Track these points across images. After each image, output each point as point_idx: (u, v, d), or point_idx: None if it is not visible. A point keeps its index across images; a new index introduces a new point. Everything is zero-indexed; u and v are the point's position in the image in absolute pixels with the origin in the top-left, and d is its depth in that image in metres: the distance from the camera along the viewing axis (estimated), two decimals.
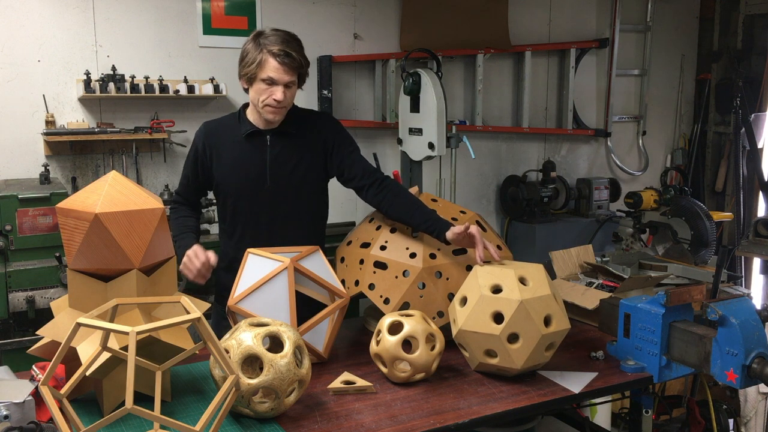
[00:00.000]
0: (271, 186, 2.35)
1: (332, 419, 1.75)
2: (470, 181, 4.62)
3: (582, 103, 4.97)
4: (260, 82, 2.24)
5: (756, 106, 4.95)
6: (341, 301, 2.08)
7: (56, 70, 3.43)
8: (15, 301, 2.87)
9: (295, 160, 2.37)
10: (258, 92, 2.26)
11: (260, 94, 2.25)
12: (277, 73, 2.22)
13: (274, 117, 2.30)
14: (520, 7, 4.61)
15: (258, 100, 2.27)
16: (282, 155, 2.36)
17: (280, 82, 2.23)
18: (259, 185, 2.35)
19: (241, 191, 2.36)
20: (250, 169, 2.35)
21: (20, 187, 3.08)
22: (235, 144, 2.36)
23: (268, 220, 2.37)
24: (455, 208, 2.42)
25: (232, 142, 2.36)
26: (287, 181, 2.37)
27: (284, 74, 2.23)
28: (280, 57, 2.21)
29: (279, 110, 2.29)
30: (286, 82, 2.24)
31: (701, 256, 3.32)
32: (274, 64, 2.21)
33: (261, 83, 2.24)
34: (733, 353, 1.83)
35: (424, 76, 3.61)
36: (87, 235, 1.66)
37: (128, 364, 1.36)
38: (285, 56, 2.21)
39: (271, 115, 2.29)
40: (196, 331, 1.54)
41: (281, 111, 2.30)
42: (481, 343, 1.92)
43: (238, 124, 2.38)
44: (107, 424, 1.42)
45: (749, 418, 3.22)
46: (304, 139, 2.39)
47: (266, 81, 2.23)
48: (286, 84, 2.25)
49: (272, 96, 2.24)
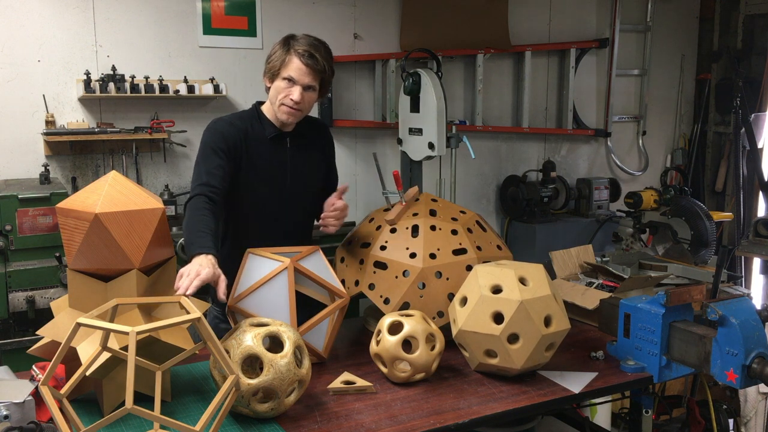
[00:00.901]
0: (291, 188, 2.37)
1: (332, 419, 1.75)
2: (470, 181, 4.62)
3: (582, 103, 4.97)
4: (281, 80, 2.24)
5: (756, 106, 4.95)
6: (341, 301, 2.08)
7: (56, 70, 3.43)
8: (15, 301, 2.87)
9: (310, 163, 2.42)
10: (277, 90, 2.26)
11: (279, 92, 2.26)
12: (298, 73, 2.22)
13: (288, 118, 2.29)
14: (520, 7, 4.61)
15: (276, 98, 2.27)
16: (300, 158, 2.39)
17: (299, 82, 2.23)
18: (281, 188, 2.36)
19: (264, 191, 2.35)
20: (273, 172, 2.35)
21: (20, 187, 3.08)
22: (262, 144, 2.33)
23: (284, 224, 2.38)
24: (455, 208, 2.42)
25: (259, 141, 2.33)
26: (304, 184, 2.40)
27: (305, 75, 2.23)
28: (304, 57, 2.21)
29: (294, 112, 2.27)
30: (306, 83, 2.23)
31: (701, 256, 3.32)
32: (297, 63, 2.22)
33: (282, 81, 2.24)
34: (733, 353, 1.83)
35: (424, 76, 3.61)
36: (87, 235, 1.66)
37: (128, 364, 1.36)
38: (309, 57, 2.21)
39: (285, 115, 2.28)
40: (196, 331, 1.54)
41: (296, 114, 2.28)
42: (481, 343, 1.92)
43: (260, 124, 2.36)
44: (107, 424, 1.41)
45: (749, 418, 3.22)
46: (314, 144, 2.44)
47: (287, 79, 2.23)
48: (306, 86, 2.24)
49: (290, 95, 2.24)
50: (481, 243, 2.30)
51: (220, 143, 2.24)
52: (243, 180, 2.32)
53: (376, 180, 3.92)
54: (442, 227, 2.27)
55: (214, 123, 2.32)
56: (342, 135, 4.17)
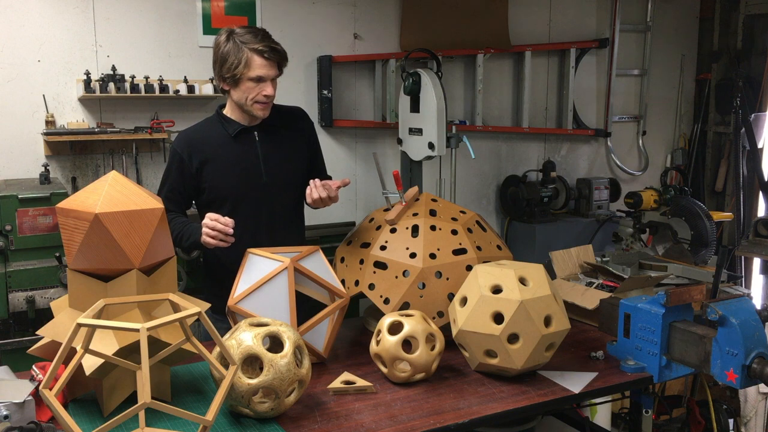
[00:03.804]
0: (267, 181, 2.37)
1: (332, 419, 1.75)
2: (470, 181, 4.62)
3: (582, 103, 4.97)
4: (248, 82, 2.26)
5: (756, 106, 4.95)
6: (341, 301, 2.08)
7: (56, 70, 3.43)
8: (15, 301, 2.87)
9: (284, 153, 2.41)
10: (246, 91, 2.28)
11: (249, 92, 2.28)
12: (265, 70, 2.26)
13: (264, 113, 2.33)
14: (520, 7, 4.61)
15: (246, 99, 2.29)
16: (272, 149, 2.39)
17: (268, 77, 2.27)
18: (255, 182, 2.36)
19: (239, 191, 2.36)
20: (245, 168, 2.36)
21: (20, 187, 3.08)
22: (224, 146, 2.36)
23: (268, 217, 2.38)
24: (455, 208, 2.42)
25: (220, 145, 2.36)
26: (281, 174, 2.40)
27: (271, 69, 2.28)
28: (267, 53, 2.24)
29: (268, 105, 2.33)
30: (273, 75, 2.29)
31: (701, 256, 3.32)
32: (261, 61, 2.24)
33: (249, 82, 2.26)
34: (733, 353, 1.83)
35: (424, 76, 3.61)
36: (87, 235, 1.66)
37: (142, 360, 1.38)
38: (271, 51, 2.25)
39: (261, 111, 2.32)
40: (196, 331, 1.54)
41: (270, 105, 2.34)
42: (481, 344, 1.92)
43: (221, 127, 2.38)
44: (120, 423, 1.41)
45: (749, 418, 3.22)
46: (289, 132, 2.44)
47: (254, 79, 2.25)
48: (273, 78, 2.29)
49: (262, 92, 2.28)
50: (481, 243, 2.30)
51: (174, 163, 2.36)
52: (215, 184, 2.35)
53: (376, 180, 3.93)
54: (442, 227, 2.27)
55: (175, 139, 2.41)
56: (342, 135, 4.17)
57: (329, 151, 4.13)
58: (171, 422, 1.68)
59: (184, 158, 2.35)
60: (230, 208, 2.36)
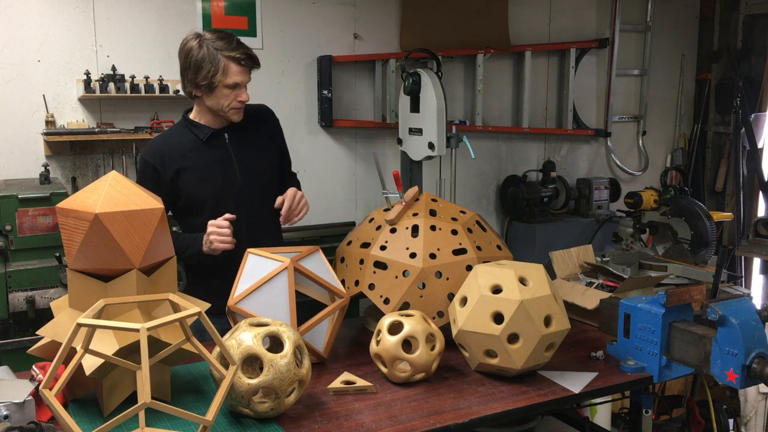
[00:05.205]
0: (243, 181, 2.39)
1: (332, 419, 1.75)
2: (470, 181, 4.62)
3: (582, 103, 4.97)
4: (224, 89, 2.26)
5: (756, 106, 4.95)
6: (341, 301, 2.08)
7: (56, 70, 3.43)
8: (15, 301, 2.87)
9: (256, 152, 2.43)
10: (222, 98, 2.28)
11: (224, 99, 2.29)
12: (241, 77, 2.28)
13: (239, 117, 2.35)
14: (520, 7, 4.61)
15: (222, 105, 2.30)
16: (244, 149, 2.40)
17: (243, 83, 2.29)
18: (231, 183, 2.38)
19: (217, 195, 2.36)
20: (220, 170, 2.37)
21: (20, 187, 3.08)
22: (196, 152, 2.36)
23: (247, 217, 2.38)
24: (455, 208, 2.42)
25: (191, 150, 2.36)
26: (255, 173, 2.41)
27: (246, 74, 2.30)
28: (243, 60, 2.26)
29: (242, 109, 2.35)
30: (248, 81, 2.31)
31: (701, 256, 3.32)
32: (237, 68, 2.26)
33: (225, 89, 2.27)
34: (733, 353, 1.83)
35: (424, 76, 3.61)
36: (87, 235, 1.66)
37: (142, 360, 1.38)
38: (247, 58, 2.27)
39: (237, 115, 2.34)
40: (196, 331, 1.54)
41: (243, 109, 2.36)
42: (481, 343, 1.92)
43: (190, 132, 2.38)
44: (119, 423, 1.41)
45: (749, 418, 3.22)
46: (258, 131, 2.46)
47: (230, 86, 2.26)
48: (247, 83, 2.32)
49: (238, 98, 2.29)
50: (481, 243, 2.30)
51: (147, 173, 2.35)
52: (193, 191, 2.35)
53: (376, 180, 3.93)
54: (442, 227, 2.27)
55: (145, 150, 2.40)
56: (342, 135, 4.17)
57: (329, 151, 4.14)
58: (171, 422, 1.68)
59: (157, 168, 2.34)
60: (210, 212, 2.34)
